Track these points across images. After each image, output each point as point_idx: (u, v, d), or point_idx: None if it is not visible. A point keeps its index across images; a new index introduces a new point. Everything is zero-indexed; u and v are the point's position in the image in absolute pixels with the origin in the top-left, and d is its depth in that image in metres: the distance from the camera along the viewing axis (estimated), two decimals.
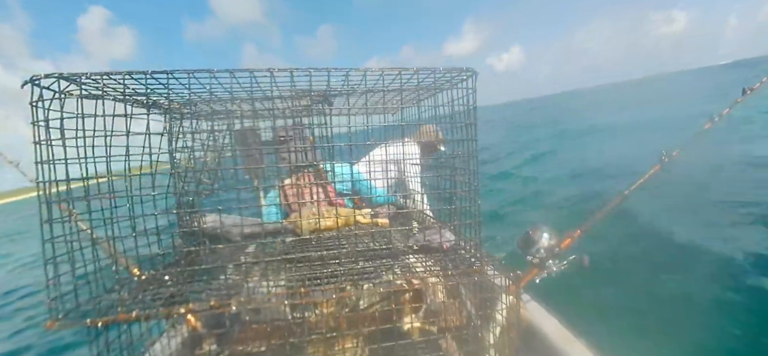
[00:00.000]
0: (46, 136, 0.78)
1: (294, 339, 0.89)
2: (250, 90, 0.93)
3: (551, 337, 1.24)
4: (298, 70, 0.87)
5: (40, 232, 0.79)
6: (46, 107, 0.77)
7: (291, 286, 0.87)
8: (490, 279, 0.97)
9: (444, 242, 1.08)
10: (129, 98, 0.96)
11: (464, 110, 1.00)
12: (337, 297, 0.89)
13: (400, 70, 0.95)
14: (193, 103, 1.14)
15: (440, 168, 1.14)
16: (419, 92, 1.19)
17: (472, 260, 1.02)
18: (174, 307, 0.80)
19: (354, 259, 1.01)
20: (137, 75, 0.80)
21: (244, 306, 0.82)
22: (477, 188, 1.01)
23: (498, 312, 1.05)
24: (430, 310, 1.15)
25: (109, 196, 0.86)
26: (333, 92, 1.06)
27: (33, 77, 0.75)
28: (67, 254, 0.82)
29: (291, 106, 1.25)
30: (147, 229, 0.93)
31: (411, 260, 1.05)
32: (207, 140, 1.31)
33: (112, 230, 0.88)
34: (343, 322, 1.03)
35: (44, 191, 0.80)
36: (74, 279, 0.82)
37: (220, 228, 1.10)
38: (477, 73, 0.96)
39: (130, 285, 0.93)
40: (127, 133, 0.88)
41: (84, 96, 0.82)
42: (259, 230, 1.08)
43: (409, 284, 0.93)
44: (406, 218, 1.36)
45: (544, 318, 1.34)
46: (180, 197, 1.14)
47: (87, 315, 0.77)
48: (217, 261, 1.05)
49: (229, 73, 0.85)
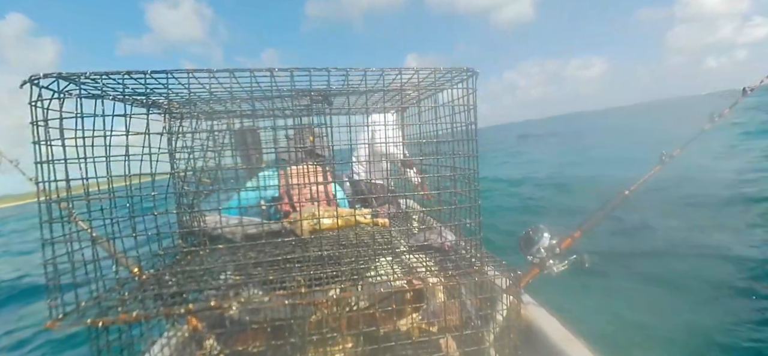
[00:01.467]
0: (46, 136, 0.78)
1: (294, 339, 0.89)
2: (250, 90, 0.93)
3: (551, 337, 1.23)
4: (298, 70, 0.87)
5: (40, 232, 0.79)
6: (45, 107, 0.77)
7: (291, 286, 0.87)
8: (490, 279, 0.97)
9: (444, 242, 1.08)
10: (128, 97, 0.96)
11: (465, 110, 1.00)
12: (337, 298, 0.88)
13: (401, 70, 0.95)
14: (193, 103, 1.14)
15: (441, 168, 1.14)
16: (419, 92, 1.18)
17: (472, 261, 1.02)
18: (174, 307, 0.80)
19: (354, 259, 1.01)
20: (137, 75, 0.80)
21: (244, 306, 0.82)
22: (477, 189, 1.01)
23: (498, 312, 1.05)
24: (430, 310, 1.15)
25: (109, 196, 0.86)
26: (334, 91, 1.06)
27: (32, 77, 0.75)
28: (67, 254, 0.81)
29: (291, 106, 1.24)
30: (147, 229, 0.93)
31: (411, 261, 1.05)
32: (207, 140, 1.31)
33: (113, 230, 0.87)
34: (344, 322, 1.03)
35: (44, 191, 0.80)
36: (74, 278, 0.82)
37: (221, 228, 1.09)
38: (478, 73, 0.96)
39: (130, 285, 0.93)
40: (126, 133, 0.87)
41: (83, 96, 0.82)
42: (259, 231, 1.07)
43: (410, 284, 0.92)
44: (406, 218, 1.36)
45: (544, 318, 1.34)
46: (180, 197, 1.14)
47: (87, 315, 0.77)
48: (217, 261, 1.05)
49: (229, 73, 0.85)
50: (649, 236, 4.42)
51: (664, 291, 3.27)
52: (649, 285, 3.41)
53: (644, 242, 4.29)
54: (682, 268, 3.59)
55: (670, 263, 3.75)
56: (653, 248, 4.14)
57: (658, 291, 3.29)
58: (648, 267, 3.75)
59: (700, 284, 3.29)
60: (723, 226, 4.44)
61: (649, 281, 3.49)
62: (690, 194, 5.72)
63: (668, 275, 3.51)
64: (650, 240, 4.32)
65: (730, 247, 3.82)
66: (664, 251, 4.01)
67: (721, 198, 5.44)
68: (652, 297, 3.21)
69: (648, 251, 4.11)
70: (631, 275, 3.62)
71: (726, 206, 5.15)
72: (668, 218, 4.84)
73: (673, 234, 4.37)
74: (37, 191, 0.80)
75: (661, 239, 4.32)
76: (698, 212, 5.01)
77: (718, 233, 4.24)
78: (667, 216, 4.90)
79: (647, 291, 3.33)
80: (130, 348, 0.89)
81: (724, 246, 3.86)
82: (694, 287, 3.26)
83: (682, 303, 3.06)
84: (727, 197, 5.48)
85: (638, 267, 3.77)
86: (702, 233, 4.30)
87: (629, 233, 4.48)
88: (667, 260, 3.83)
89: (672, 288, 3.31)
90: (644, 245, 4.22)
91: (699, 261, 3.68)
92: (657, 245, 4.18)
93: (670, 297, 3.18)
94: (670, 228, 4.57)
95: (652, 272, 3.62)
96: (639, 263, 3.85)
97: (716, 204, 5.23)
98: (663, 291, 3.29)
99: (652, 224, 4.67)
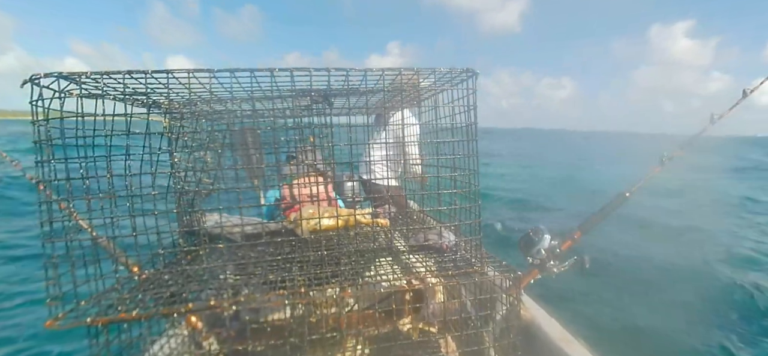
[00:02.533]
0: (46, 135, 0.78)
1: (294, 339, 0.89)
2: (250, 90, 0.93)
3: (551, 338, 1.23)
4: (298, 70, 0.87)
5: (40, 231, 0.79)
6: (45, 106, 0.77)
7: (291, 286, 0.87)
8: (490, 279, 0.97)
9: (444, 242, 1.08)
10: (129, 97, 0.96)
11: (465, 111, 1.00)
12: (337, 298, 0.88)
13: (401, 70, 0.95)
14: (193, 102, 1.14)
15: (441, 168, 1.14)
16: (419, 92, 1.18)
17: (472, 261, 1.02)
18: (174, 307, 0.80)
19: (354, 259, 1.01)
20: (137, 74, 0.80)
21: (244, 306, 0.82)
22: (477, 188, 1.01)
23: (498, 312, 1.05)
24: (430, 310, 1.14)
25: (110, 195, 0.86)
26: (334, 91, 1.06)
27: (33, 76, 0.75)
28: (67, 253, 0.81)
29: (291, 106, 1.24)
30: (147, 229, 0.93)
31: (411, 261, 1.05)
32: (207, 139, 1.31)
33: (113, 230, 0.87)
34: (344, 322, 1.02)
35: (44, 191, 0.80)
36: (74, 278, 0.82)
37: (221, 228, 1.09)
38: (478, 73, 0.96)
39: (130, 285, 0.93)
40: (127, 132, 0.87)
41: (84, 95, 0.82)
42: (260, 231, 1.07)
43: (410, 284, 0.92)
44: (407, 218, 1.36)
45: (544, 318, 1.34)
46: (180, 196, 1.14)
47: (87, 315, 0.77)
48: (217, 261, 1.05)
49: (230, 73, 0.85)
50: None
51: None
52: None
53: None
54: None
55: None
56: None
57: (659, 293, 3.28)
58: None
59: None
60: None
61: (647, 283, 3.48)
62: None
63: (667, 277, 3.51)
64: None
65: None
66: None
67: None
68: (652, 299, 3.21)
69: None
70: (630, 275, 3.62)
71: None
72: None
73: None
74: (38, 190, 0.80)
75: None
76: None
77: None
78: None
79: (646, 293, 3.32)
80: (130, 348, 0.88)
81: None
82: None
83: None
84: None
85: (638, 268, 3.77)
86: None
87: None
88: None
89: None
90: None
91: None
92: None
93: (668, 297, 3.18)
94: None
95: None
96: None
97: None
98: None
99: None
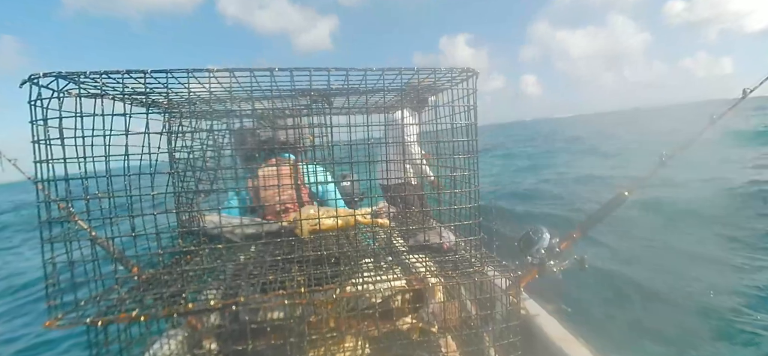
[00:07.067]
0: (45, 135, 0.77)
1: (294, 339, 0.89)
2: (250, 89, 0.93)
3: (551, 337, 1.24)
4: (298, 70, 0.87)
5: (40, 231, 0.78)
6: (44, 106, 0.77)
7: (291, 286, 0.87)
8: (490, 279, 0.97)
9: (444, 242, 1.07)
10: (128, 96, 0.96)
11: (465, 110, 1.00)
12: (337, 298, 0.88)
13: (401, 70, 0.95)
14: (192, 102, 1.14)
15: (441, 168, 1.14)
16: (420, 92, 1.18)
17: (472, 261, 1.02)
18: (174, 307, 0.80)
19: (354, 259, 1.01)
20: (136, 74, 0.80)
21: (244, 306, 0.82)
22: (477, 188, 1.01)
23: (498, 312, 1.05)
24: (430, 310, 1.15)
25: (109, 195, 0.86)
26: (333, 91, 1.05)
27: (31, 76, 0.75)
28: (67, 253, 0.81)
29: (291, 105, 1.24)
30: (146, 228, 0.93)
31: (411, 261, 1.05)
32: (206, 139, 1.31)
33: (112, 230, 0.87)
34: (344, 322, 1.02)
35: (43, 191, 0.79)
36: (73, 278, 0.82)
37: (220, 228, 1.09)
38: (478, 73, 0.96)
39: (129, 285, 0.93)
40: (126, 132, 0.87)
41: (83, 95, 0.82)
42: (259, 231, 1.07)
43: (410, 284, 0.92)
44: (407, 218, 1.36)
45: (544, 318, 1.34)
46: (179, 196, 1.14)
47: (87, 315, 0.77)
48: (216, 261, 1.05)
49: (230, 73, 0.85)
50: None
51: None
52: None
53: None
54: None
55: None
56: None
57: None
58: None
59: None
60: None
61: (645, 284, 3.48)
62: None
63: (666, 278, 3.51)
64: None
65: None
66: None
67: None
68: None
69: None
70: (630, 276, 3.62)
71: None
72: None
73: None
74: (37, 190, 0.80)
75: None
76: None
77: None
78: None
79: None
80: (130, 348, 0.88)
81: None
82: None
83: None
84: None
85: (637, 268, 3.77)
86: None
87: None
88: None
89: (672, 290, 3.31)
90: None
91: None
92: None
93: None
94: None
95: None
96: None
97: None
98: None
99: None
